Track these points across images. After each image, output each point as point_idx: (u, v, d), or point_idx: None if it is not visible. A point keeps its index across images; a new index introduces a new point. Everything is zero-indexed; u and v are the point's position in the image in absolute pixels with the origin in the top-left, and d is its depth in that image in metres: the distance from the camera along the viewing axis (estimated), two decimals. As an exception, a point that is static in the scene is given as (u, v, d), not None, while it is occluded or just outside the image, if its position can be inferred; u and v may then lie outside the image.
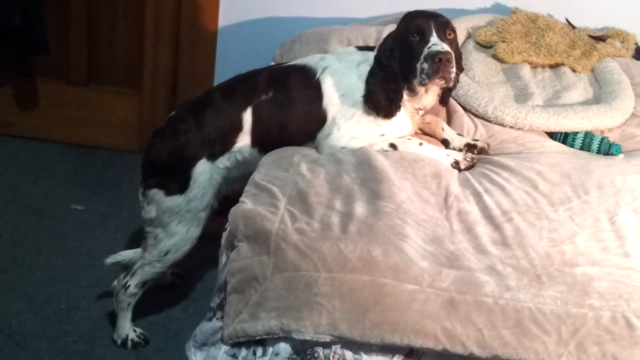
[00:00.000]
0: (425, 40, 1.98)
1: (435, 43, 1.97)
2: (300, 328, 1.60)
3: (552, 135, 2.32)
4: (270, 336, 1.64)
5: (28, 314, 2.41)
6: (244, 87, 2.18)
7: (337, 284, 1.61)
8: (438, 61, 1.94)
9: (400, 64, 2.05)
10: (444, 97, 2.20)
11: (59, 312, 2.44)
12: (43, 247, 2.75)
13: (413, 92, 2.09)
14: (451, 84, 2.02)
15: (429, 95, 2.13)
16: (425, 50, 1.97)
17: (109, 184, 3.20)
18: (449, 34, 2.03)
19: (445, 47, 1.96)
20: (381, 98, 2.05)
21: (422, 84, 2.00)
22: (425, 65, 1.96)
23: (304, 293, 1.62)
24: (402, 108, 2.09)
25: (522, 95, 2.43)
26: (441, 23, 2.02)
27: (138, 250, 2.31)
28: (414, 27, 2.01)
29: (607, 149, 2.25)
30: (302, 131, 2.13)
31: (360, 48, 2.23)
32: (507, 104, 2.33)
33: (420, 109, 2.16)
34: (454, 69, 1.97)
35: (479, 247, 1.73)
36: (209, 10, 3.17)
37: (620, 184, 1.98)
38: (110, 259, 2.37)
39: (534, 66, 2.61)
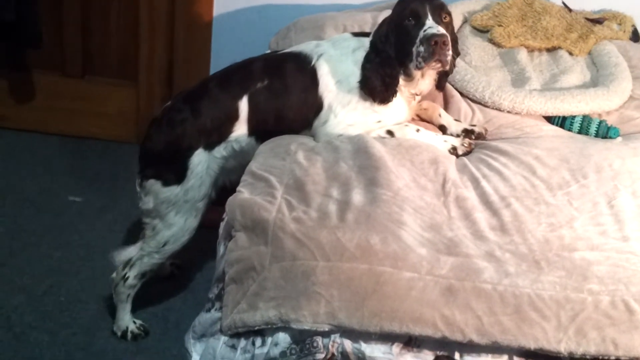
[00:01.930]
0: (420, 23, 1.97)
1: (431, 26, 1.95)
2: (298, 317, 1.60)
3: (549, 119, 2.31)
4: (269, 326, 1.64)
5: (27, 307, 2.41)
6: (240, 76, 2.17)
7: (335, 272, 1.61)
8: (434, 44, 1.92)
9: (396, 49, 2.03)
10: (441, 82, 2.19)
11: (58, 305, 2.44)
12: (41, 239, 2.75)
13: (409, 76, 2.08)
14: (447, 67, 2.00)
15: (426, 80, 2.12)
16: (421, 34, 1.95)
17: (106, 176, 3.19)
18: (445, 17, 2.02)
19: (441, 30, 1.95)
20: (377, 83, 2.04)
21: (418, 68, 1.99)
22: (422, 49, 1.95)
23: (302, 282, 1.62)
24: (398, 94, 2.09)
25: (519, 80, 2.42)
26: (436, 6, 2.00)
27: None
28: (409, 10, 2.00)
29: (605, 132, 2.24)
30: (298, 119, 2.12)
31: (356, 34, 2.22)
32: (504, 89, 2.31)
33: (417, 94, 2.15)
34: (450, 52, 1.96)
35: (477, 233, 1.73)
36: (203, -1, 3.15)
37: (619, 167, 1.97)
38: (118, 261, 2.33)
39: (530, 50, 2.59)
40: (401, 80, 2.08)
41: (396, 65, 2.04)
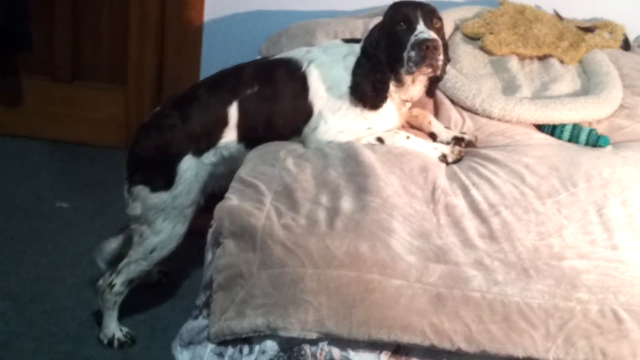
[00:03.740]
0: (412, 28, 1.97)
1: (422, 31, 1.95)
2: (286, 325, 1.58)
3: (540, 127, 2.31)
4: (257, 334, 1.62)
5: (13, 314, 2.39)
6: (230, 82, 2.16)
7: (323, 280, 1.60)
8: (425, 48, 1.92)
9: (387, 54, 2.03)
10: (431, 88, 2.19)
11: (45, 312, 2.42)
12: (28, 245, 2.73)
13: (400, 82, 2.08)
14: (438, 72, 2.00)
15: (416, 86, 2.12)
16: (412, 38, 1.95)
17: (95, 182, 3.18)
18: (436, 23, 2.02)
19: (432, 35, 1.95)
20: (367, 89, 2.04)
21: (409, 73, 1.98)
22: (413, 53, 1.94)
23: (290, 290, 1.60)
24: (389, 100, 2.08)
25: (509, 88, 2.42)
26: (428, 11, 2.00)
27: (120, 237, 2.30)
28: (401, 15, 2.00)
29: (595, 140, 2.24)
30: (288, 125, 2.12)
31: (347, 40, 2.22)
32: (494, 97, 2.31)
33: (407, 101, 2.15)
34: (441, 57, 1.96)
35: (466, 241, 1.72)
36: (194, 4, 3.15)
37: (608, 176, 1.97)
38: (99, 259, 2.35)
39: (521, 58, 2.59)
40: (392, 86, 2.08)
41: (387, 71, 2.04)
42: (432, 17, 2.01)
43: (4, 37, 3.10)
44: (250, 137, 2.12)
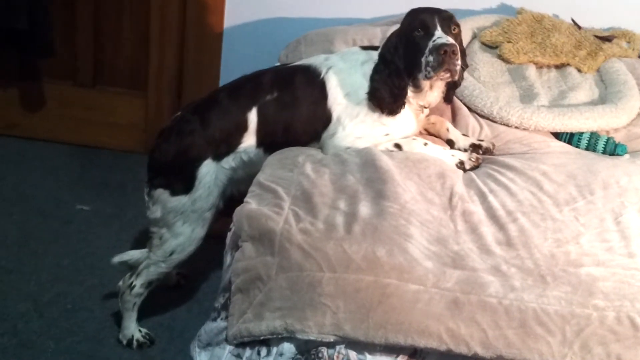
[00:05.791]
0: (429, 34, 1.98)
1: (440, 36, 1.96)
2: (304, 328, 1.60)
3: (557, 135, 2.32)
4: (275, 336, 1.64)
5: (33, 315, 2.42)
6: (249, 88, 2.18)
7: (341, 284, 1.61)
8: (443, 53, 1.93)
9: (404, 60, 2.04)
10: (449, 94, 2.19)
11: (65, 313, 2.45)
12: (48, 247, 2.76)
13: (418, 88, 2.09)
14: (456, 77, 2.00)
15: (434, 92, 2.13)
16: (430, 44, 1.96)
17: (115, 185, 3.21)
18: (454, 29, 2.03)
19: (450, 40, 1.96)
20: (385, 94, 2.05)
21: (427, 78, 1.99)
22: (431, 58, 1.96)
23: (308, 293, 1.62)
24: (406, 106, 2.09)
25: (527, 96, 2.42)
26: (445, 18, 2.02)
27: (145, 251, 2.32)
28: (419, 22, 2.01)
29: (613, 149, 2.25)
30: (307, 131, 2.13)
31: (365, 48, 2.23)
32: (512, 105, 2.32)
33: (425, 107, 2.16)
34: (459, 62, 1.97)
35: (483, 247, 1.73)
36: (214, 11, 3.17)
37: (626, 184, 1.97)
38: (116, 259, 2.38)
39: (539, 66, 2.60)
40: (409, 92, 2.09)
41: (405, 77, 2.05)
42: (449, 23, 2.02)
43: (27, 44, 3.13)
44: (269, 142, 2.14)
